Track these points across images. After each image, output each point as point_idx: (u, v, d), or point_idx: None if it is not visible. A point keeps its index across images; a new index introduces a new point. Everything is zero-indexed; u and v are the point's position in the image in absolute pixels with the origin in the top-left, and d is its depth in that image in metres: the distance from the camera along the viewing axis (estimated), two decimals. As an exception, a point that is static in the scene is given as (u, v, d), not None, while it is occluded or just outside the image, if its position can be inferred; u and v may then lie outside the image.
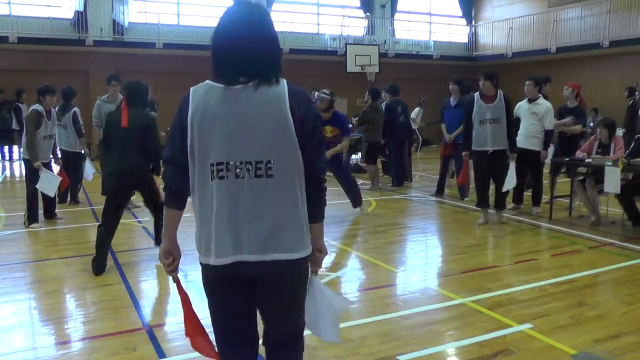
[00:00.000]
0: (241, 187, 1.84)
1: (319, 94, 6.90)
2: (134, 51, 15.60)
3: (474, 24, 21.01)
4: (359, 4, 19.24)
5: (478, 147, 6.45)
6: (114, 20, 15.47)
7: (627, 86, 13.83)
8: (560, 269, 4.86)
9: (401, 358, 3.13)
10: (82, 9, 15.05)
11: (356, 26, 19.03)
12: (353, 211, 7.23)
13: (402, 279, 4.75)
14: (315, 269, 2.08)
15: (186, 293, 2.17)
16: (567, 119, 7.33)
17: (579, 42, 16.43)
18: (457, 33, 21.03)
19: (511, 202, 7.40)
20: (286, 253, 1.88)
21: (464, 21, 21.06)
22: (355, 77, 16.45)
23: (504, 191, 6.59)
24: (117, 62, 15.50)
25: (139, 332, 3.53)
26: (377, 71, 15.97)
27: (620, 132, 9.50)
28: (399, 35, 19.73)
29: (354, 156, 12.66)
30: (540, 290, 4.30)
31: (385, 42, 18.48)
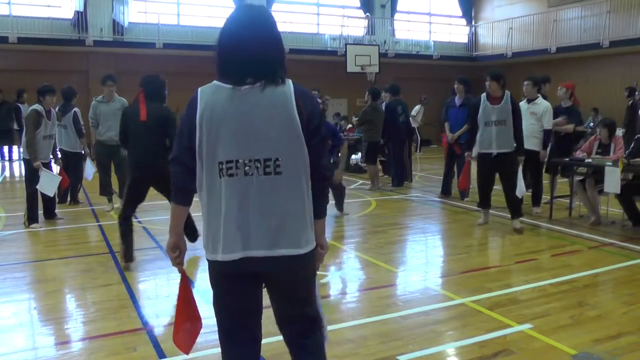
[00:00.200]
0: (250, 184, 1.89)
1: None
2: (134, 51, 15.60)
3: (474, 24, 21.02)
4: (359, 4, 19.25)
5: (482, 149, 6.31)
6: (114, 20, 15.48)
7: (627, 86, 13.84)
8: (560, 269, 4.85)
9: (401, 358, 3.12)
10: (82, 9, 15.05)
11: (356, 26, 19.04)
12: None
13: (402, 279, 4.75)
14: (317, 264, 2.11)
15: (188, 284, 2.23)
16: (559, 118, 7.34)
17: (579, 42, 16.44)
18: (457, 33, 21.04)
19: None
20: (293, 248, 1.93)
21: (464, 21, 21.07)
22: (355, 77, 16.44)
23: (516, 198, 6.29)
24: (117, 62, 15.52)
25: (139, 332, 3.53)
26: (377, 71, 15.96)
27: (620, 132, 9.51)
28: (399, 35, 19.73)
29: (353, 156, 12.67)
30: (540, 291, 4.30)
31: (385, 42, 18.48)
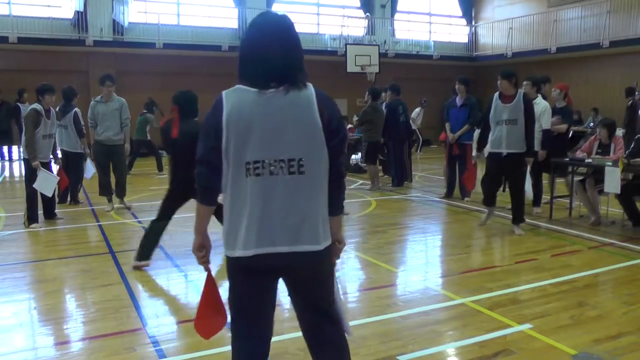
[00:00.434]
0: (276, 183, 1.98)
1: None
2: (134, 51, 15.61)
3: (474, 24, 21.03)
4: (359, 4, 19.25)
5: (492, 149, 6.17)
6: (114, 20, 15.48)
7: (627, 86, 13.83)
8: (560, 269, 4.85)
9: (401, 358, 3.13)
10: (82, 9, 15.05)
11: (356, 26, 19.05)
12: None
13: (402, 279, 4.75)
14: (334, 260, 2.20)
15: (214, 282, 2.30)
16: (553, 118, 7.35)
17: (579, 42, 16.44)
18: (457, 33, 21.04)
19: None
20: (314, 245, 2.03)
21: (464, 21, 21.07)
22: (355, 77, 16.45)
23: (520, 202, 6.18)
24: (117, 62, 15.53)
25: (139, 332, 3.53)
26: (377, 71, 15.96)
27: (619, 132, 9.50)
28: (399, 35, 19.74)
29: (353, 156, 12.67)
30: (540, 291, 4.30)
31: (385, 42, 18.49)
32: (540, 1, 18.55)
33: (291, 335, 3.30)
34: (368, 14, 18.91)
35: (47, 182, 6.52)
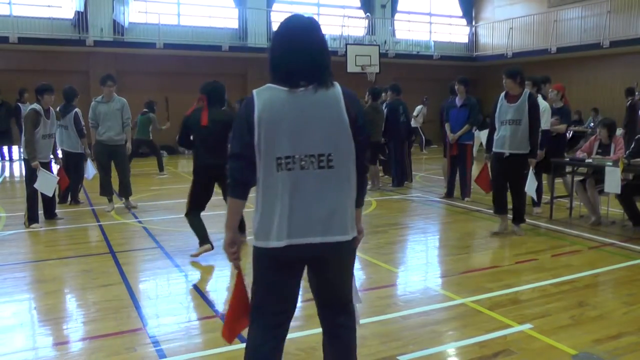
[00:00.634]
0: (306, 177, 2.10)
1: None
2: (134, 51, 15.61)
3: (474, 24, 21.03)
4: (359, 4, 19.25)
5: (496, 149, 6.06)
6: (114, 21, 15.48)
7: (628, 86, 13.83)
8: (560, 269, 4.85)
9: (401, 358, 3.13)
10: (82, 9, 15.06)
11: (356, 26, 19.05)
12: None
13: (402, 279, 4.75)
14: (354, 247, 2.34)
15: (244, 279, 2.35)
16: (552, 119, 7.35)
17: (579, 42, 16.44)
18: (457, 33, 21.04)
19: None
20: (343, 235, 2.16)
21: (464, 21, 21.07)
22: (355, 77, 16.42)
23: (521, 203, 6.10)
24: (118, 62, 15.52)
25: (139, 332, 3.53)
26: (378, 71, 15.95)
27: (619, 132, 9.51)
28: (399, 35, 19.74)
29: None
30: (540, 291, 4.30)
31: (385, 42, 18.49)
32: (540, 1, 18.55)
33: (291, 336, 3.27)
34: (368, 14, 18.91)
35: (47, 183, 6.52)
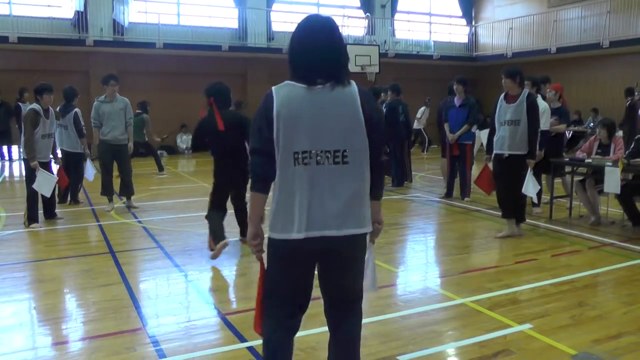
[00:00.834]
0: (322, 172, 2.17)
1: None
2: (134, 51, 15.60)
3: (474, 24, 21.02)
4: (359, 4, 19.25)
5: (496, 150, 6.03)
6: (114, 20, 15.47)
7: (627, 86, 13.84)
8: (560, 269, 4.86)
9: (401, 358, 3.13)
10: (82, 9, 15.05)
11: (356, 26, 19.04)
12: None
13: (402, 279, 4.75)
14: (374, 238, 2.42)
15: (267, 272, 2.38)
16: (551, 119, 7.35)
17: (579, 42, 16.43)
18: (457, 33, 21.04)
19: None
20: (359, 228, 2.23)
21: (464, 21, 21.07)
22: (355, 77, 16.26)
23: (519, 203, 6.05)
24: (118, 62, 15.51)
25: (139, 332, 3.53)
26: (377, 71, 15.96)
27: (619, 133, 9.51)
28: (399, 35, 19.73)
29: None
30: (540, 291, 4.30)
31: (385, 42, 18.48)
32: (540, 1, 18.54)
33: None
34: (368, 14, 18.91)
35: (46, 183, 6.51)
